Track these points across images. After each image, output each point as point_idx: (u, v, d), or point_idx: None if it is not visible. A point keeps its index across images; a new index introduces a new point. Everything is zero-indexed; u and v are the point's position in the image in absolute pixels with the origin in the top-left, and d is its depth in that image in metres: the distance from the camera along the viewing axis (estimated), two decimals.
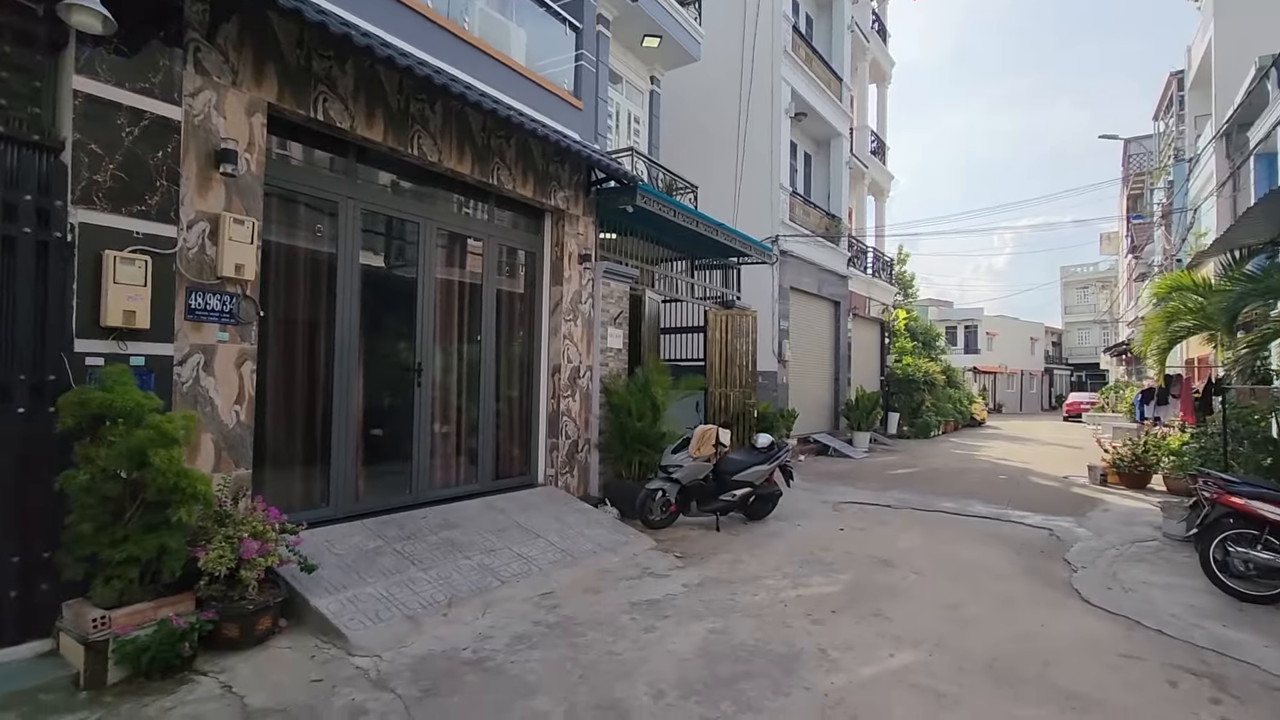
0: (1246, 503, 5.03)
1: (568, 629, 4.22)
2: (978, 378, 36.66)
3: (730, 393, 10.09)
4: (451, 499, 6.09)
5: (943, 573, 5.60)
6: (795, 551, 6.19)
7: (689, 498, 6.96)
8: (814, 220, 15.49)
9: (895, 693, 3.44)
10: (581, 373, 7.45)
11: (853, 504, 8.59)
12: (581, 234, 7.47)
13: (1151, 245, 25.24)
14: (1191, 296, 10.18)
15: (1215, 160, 16.34)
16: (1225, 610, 4.76)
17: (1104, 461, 10.76)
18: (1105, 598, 5.01)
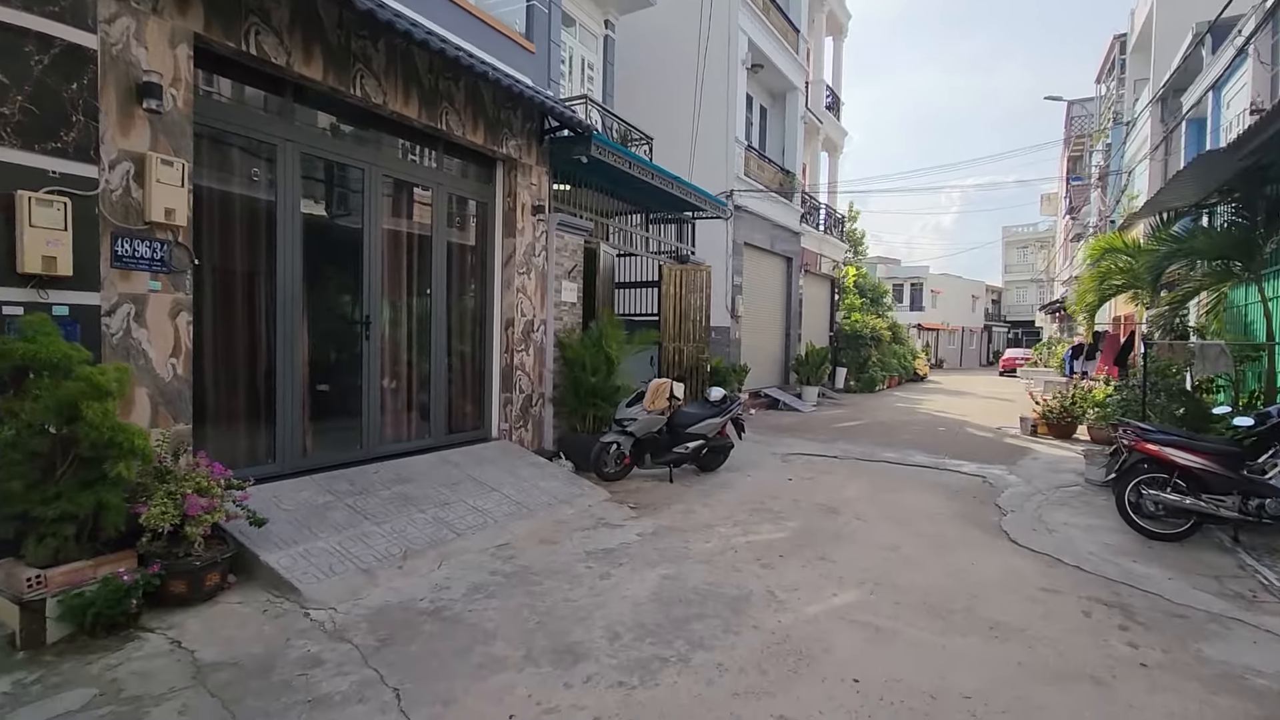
0: (1159, 449, 5.41)
1: (524, 578, 4.28)
2: (922, 334, 37.91)
3: (684, 348, 10.18)
4: (404, 454, 6.03)
5: (884, 518, 5.88)
6: (746, 501, 6.38)
7: (643, 450, 7.07)
8: (769, 175, 15.49)
9: (837, 628, 3.64)
10: (535, 327, 7.38)
11: (801, 455, 8.87)
12: (535, 184, 7.30)
13: (1088, 207, 26.22)
14: (1121, 257, 10.68)
15: (1150, 124, 16.94)
16: (1136, 548, 5.16)
17: (1034, 413, 11.37)
18: (1031, 538, 5.36)
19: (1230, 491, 5.16)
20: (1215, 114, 12.69)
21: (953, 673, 3.17)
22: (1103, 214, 20.17)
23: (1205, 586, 4.35)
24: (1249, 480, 5.14)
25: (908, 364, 24.04)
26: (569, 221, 7.70)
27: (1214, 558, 4.95)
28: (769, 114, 16.98)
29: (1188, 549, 5.14)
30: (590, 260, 8.42)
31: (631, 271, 11.53)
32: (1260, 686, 3.11)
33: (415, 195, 6.48)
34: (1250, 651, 3.46)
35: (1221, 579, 4.50)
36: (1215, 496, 5.18)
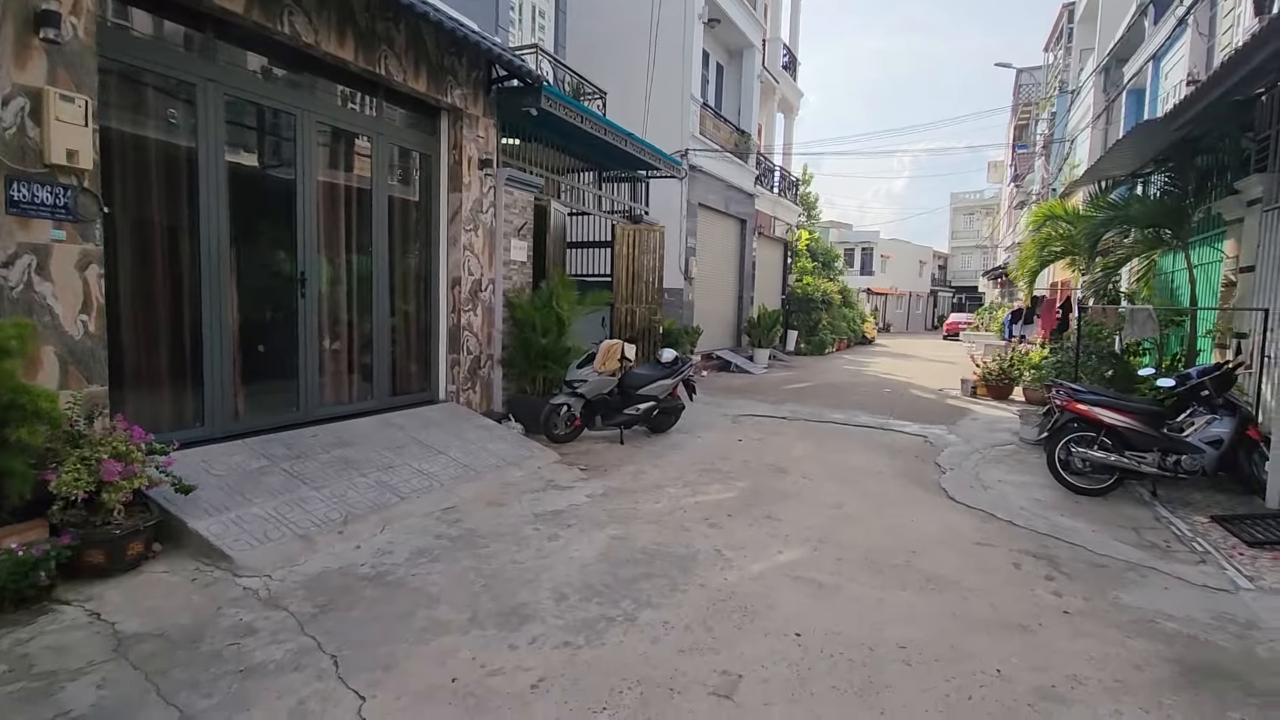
0: (1089, 408, 5.65)
1: (470, 541, 4.22)
2: (871, 298, 38.71)
3: (637, 309, 10.10)
4: (345, 417, 5.83)
5: (829, 477, 6.01)
6: (696, 461, 6.43)
7: (594, 412, 7.02)
8: (724, 135, 15.32)
9: (782, 585, 3.71)
10: (483, 286, 7.17)
11: (752, 417, 8.98)
12: (482, 137, 7.00)
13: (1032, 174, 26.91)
14: (1062, 224, 11.01)
15: (1094, 94, 17.35)
16: (1064, 502, 5.41)
17: (974, 376, 11.77)
18: (967, 495, 5.56)
19: (1151, 449, 5.43)
20: (1154, 85, 13.06)
21: (890, 625, 3.27)
22: (1045, 181, 20.73)
23: (1125, 538, 4.60)
24: (1168, 438, 5.42)
25: (857, 328, 24.56)
26: (518, 177, 7.45)
27: (1134, 511, 5.23)
28: (725, 72, 16.71)
29: (1111, 503, 5.42)
30: (540, 218, 8.20)
31: (584, 231, 11.31)
32: (1170, 629, 3.30)
33: (354, 146, 6.14)
34: (1162, 597, 3.68)
35: (1140, 530, 4.77)
36: (1138, 453, 5.46)
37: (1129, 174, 10.31)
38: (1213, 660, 3.02)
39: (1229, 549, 4.37)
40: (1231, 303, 7.21)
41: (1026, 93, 30.64)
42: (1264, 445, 5.29)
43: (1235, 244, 7.28)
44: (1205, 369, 5.82)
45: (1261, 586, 3.81)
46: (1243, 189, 6.97)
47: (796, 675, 2.81)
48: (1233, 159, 7.41)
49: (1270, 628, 3.35)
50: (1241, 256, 7.07)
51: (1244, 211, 7.06)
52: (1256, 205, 6.83)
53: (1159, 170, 9.67)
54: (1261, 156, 6.83)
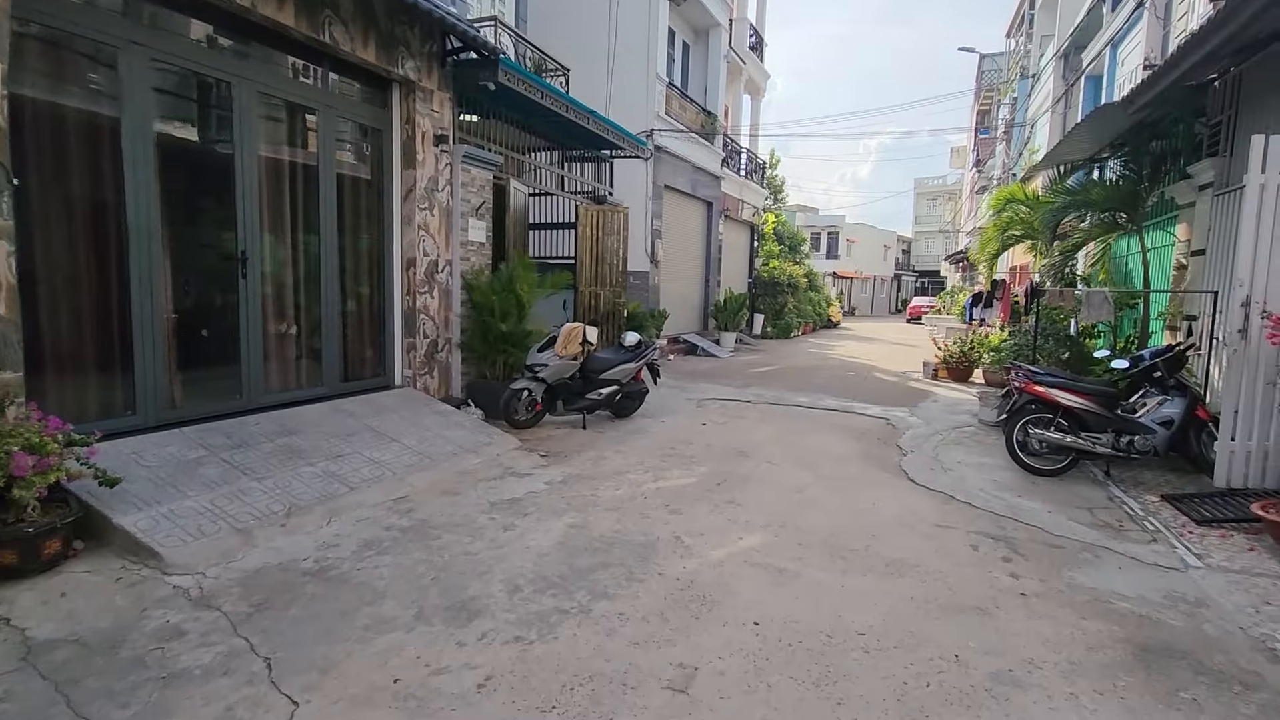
0: (1046, 390, 5.70)
1: (422, 532, 4.06)
2: (836, 282, 39.09)
3: (600, 292, 9.94)
4: (292, 403, 5.57)
5: (792, 460, 5.97)
6: (658, 446, 6.34)
7: (555, 397, 6.87)
8: (690, 116, 15.14)
9: (742, 571, 3.64)
10: (440, 267, 6.93)
11: (716, 400, 8.93)
12: (437, 112, 6.72)
13: (993, 160, 27.31)
14: (1022, 208, 11.15)
15: (1053, 80, 17.60)
16: (1022, 484, 5.47)
17: (935, 358, 11.91)
18: (928, 477, 5.58)
19: (1106, 430, 5.52)
20: (1111, 70, 13.26)
21: (849, 611, 3.23)
22: (1006, 166, 21.03)
23: (1080, 518, 4.65)
24: (1122, 419, 5.50)
25: (822, 311, 24.75)
26: (476, 154, 7.19)
27: (1088, 491, 5.31)
28: (691, 51, 16.48)
29: (1066, 483, 5.49)
30: (500, 198, 7.96)
31: (546, 212, 11.07)
32: (1123, 609, 3.33)
33: (299, 119, 5.82)
34: (1116, 577, 3.71)
35: (1094, 510, 4.83)
36: (1093, 434, 5.53)
37: (1087, 159, 10.46)
38: (1164, 640, 3.04)
39: (1179, 527, 4.45)
40: (1183, 286, 7.36)
41: (989, 79, 30.99)
42: (1212, 425, 5.40)
43: (1187, 228, 7.42)
44: (1157, 351, 5.92)
45: (1210, 564, 3.87)
46: (1195, 174, 7.09)
47: (754, 666, 2.74)
48: (1185, 144, 7.53)
49: (1218, 605, 3.39)
50: (1193, 240, 7.21)
51: (1195, 196, 7.19)
52: (1208, 190, 6.95)
53: (1115, 155, 9.84)
54: (1214, 141, 6.95)
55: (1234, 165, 6.57)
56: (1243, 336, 4.50)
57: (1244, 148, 6.49)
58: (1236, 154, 6.53)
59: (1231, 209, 6.43)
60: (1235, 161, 6.55)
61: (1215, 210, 6.75)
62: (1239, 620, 3.24)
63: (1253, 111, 6.32)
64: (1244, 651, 2.95)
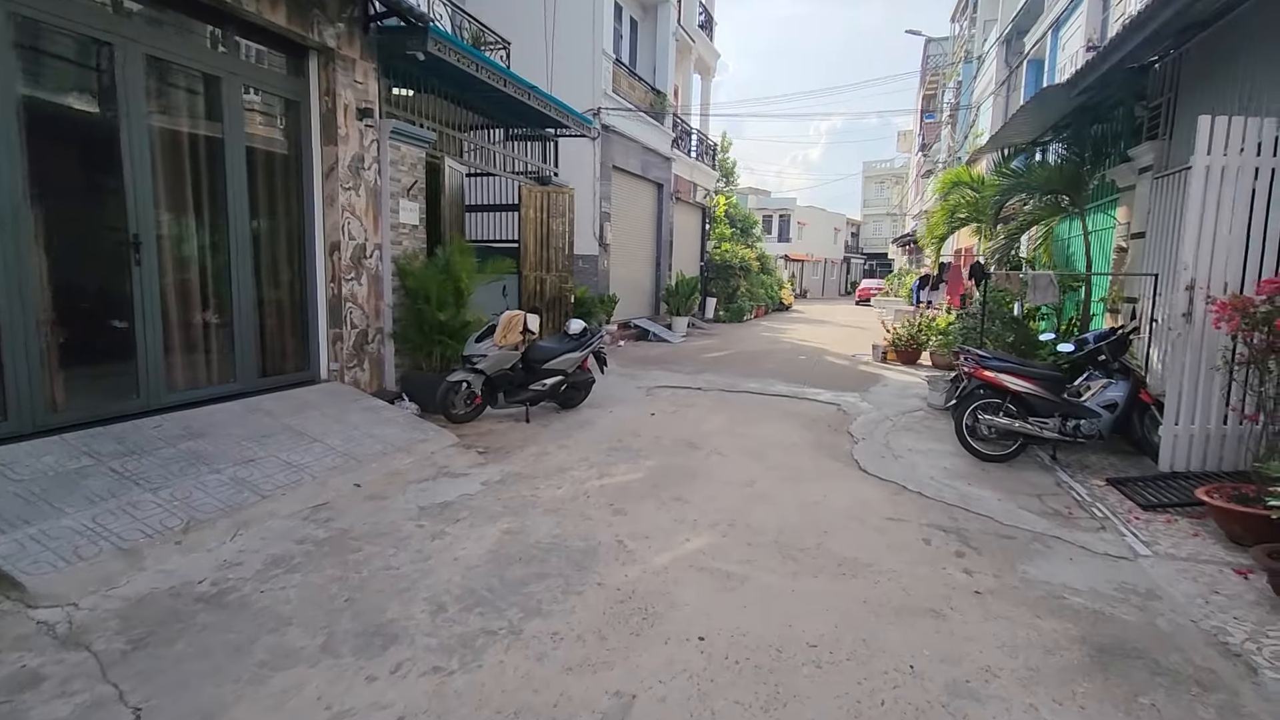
0: (995, 375, 5.64)
1: (341, 544, 3.70)
2: (788, 265, 39.38)
3: (546, 277, 9.56)
4: (201, 403, 5.08)
5: (742, 451, 5.79)
6: (605, 439, 6.07)
7: (496, 389, 6.51)
8: (639, 95, 14.75)
9: (687, 578, 3.41)
10: (368, 252, 6.45)
11: (666, 388, 8.70)
12: (360, 83, 6.21)
13: (939, 144, 27.75)
14: (967, 190, 11.21)
15: (996, 64, 17.83)
16: (971, 470, 5.41)
17: (885, 341, 11.96)
18: (879, 465, 5.47)
19: (1053, 414, 5.49)
20: (1053, 55, 13.43)
21: (800, 619, 3.03)
22: (951, 150, 21.32)
23: (1029, 506, 4.59)
24: (1068, 403, 5.48)
25: (774, 294, 24.82)
26: (405, 130, 6.70)
27: (1036, 477, 5.28)
28: (639, 28, 16.05)
29: (1015, 469, 5.46)
30: (434, 177, 7.49)
31: (488, 193, 10.60)
32: (1077, 605, 3.23)
33: (201, 88, 5.26)
34: (1067, 569, 3.62)
35: (1043, 497, 4.78)
36: (1040, 419, 5.50)
37: (1030, 141, 10.54)
38: (1119, 637, 2.94)
39: (1125, 513, 4.42)
40: (1123, 269, 7.45)
41: (934, 63, 31.41)
42: (1155, 409, 5.43)
43: (1127, 211, 7.49)
44: (1101, 334, 5.93)
45: (1157, 552, 3.83)
46: (1135, 156, 7.14)
47: (697, 690, 2.51)
48: (1126, 127, 7.59)
49: (1168, 596, 3.33)
50: (1133, 223, 7.28)
51: (1136, 179, 7.25)
52: (1148, 173, 7.01)
53: (1056, 139, 9.94)
54: (1154, 124, 7.00)
55: (1174, 148, 6.62)
56: (1187, 320, 4.47)
57: (1184, 130, 6.55)
58: (1176, 137, 6.58)
59: (1171, 192, 6.48)
60: (1175, 144, 6.60)
61: (1155, 193, 6.80)
62: (1190, 612, 3.18)
63: (1192, 94, 6.36)
64: (1198, 647, 2.87)
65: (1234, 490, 3.98)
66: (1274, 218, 4.38)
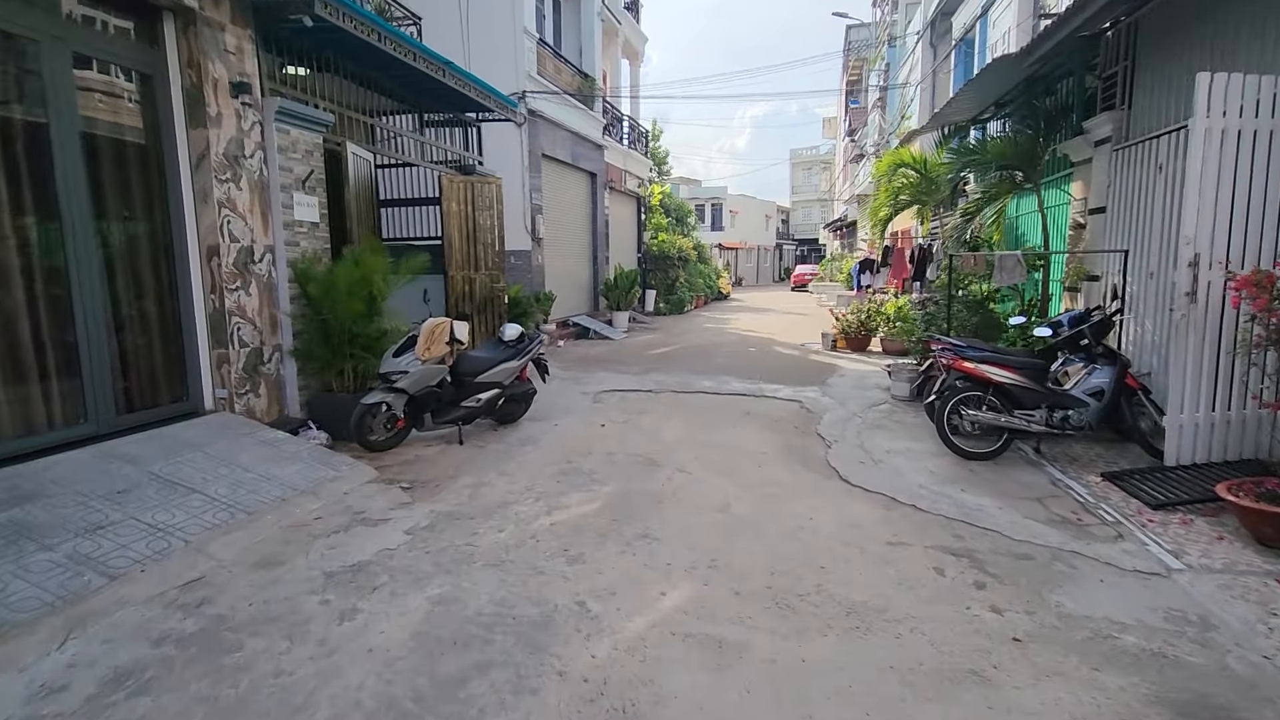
0: (975, 366, 5.19)
1: (214, 641, 2.82)
2: (722, 253, 39.22)
3: (475, 276, 8.65)
4: (34, 453, 4.03)
5: (709, 466, 5.14)
6: (552, 460, 5.30)
7: (422, 409, 5.63)
8: (566, 79, 13.89)
9: (670, 653, 2.71)
10: (258, 256, 5.44)
11: (615, 392, 7.98)
12: (233, 53, 5.18)
13: (866, 128, 27.97)
14: (910, 172, 10.93)
15: (922, 46, 17.85)
16: (959, 472, 4.93)
17: (834, 329, 11.60)
18: (860, 473, 4.92)
19: (1039, 405, 5.08)
20: (983, 34, 13.36)
21: (821, 704, 2.39)
22: (884, 132, 21.34)
23: (1034, 513, 4.12)
24: (1054, 392, 5.08)
25: (713, 283, 24.44)
26: (295, 111, 5.69)
27: (1028, 475, 4.84)
28: (562, 8, 15.15)
29: (1003, 468, 5.02)
30: (335, 166, 6.49)
31: (407, 186, 9.58)
32: (1132, 647, 2.72)
33: (9, 59, 4.16)
34: (1102, 596, 3.13)
35: (1044, 501, 4.33)
36: (1026, 411, 5.09)
37: (969, 120, 10.35)
38: (1199, 692, 2.43)
39: (1136, 515, 4.01)
40: (1080, 245, 7.20)
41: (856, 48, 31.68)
42: (1142, 393, 5.10)
43: (1083, 185, 7.24)
44: (1076, 316, 5.57)
45: (1190, 564, 3.39)
46: (1090, 129, 6.87)
47: None
48: (1077, 99, 7.34)
49: (1224, 624, 2.87)
50: (1090, 198, 7.03)
51: (1091, 152, 6.99)
52: (1105, 145, 6.75)
53: (997, 115, 9.73)
54: (1109, 94, 6.73)
55: (1134, 118, 6.35)
56: (1191, 300, 4.08)
57: (1144, 99, 6.28)
58: (1137, 106, 6.31)
59: (1135, 164, 6.21)
60: (1136, 114, 6.33)
61: (1115, 165, 6.54)
62: (1257, 644, 2.71)
63: (1151, 60, 6.08)
64: None
65: (1258, 487, 3.60)
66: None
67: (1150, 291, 5.91)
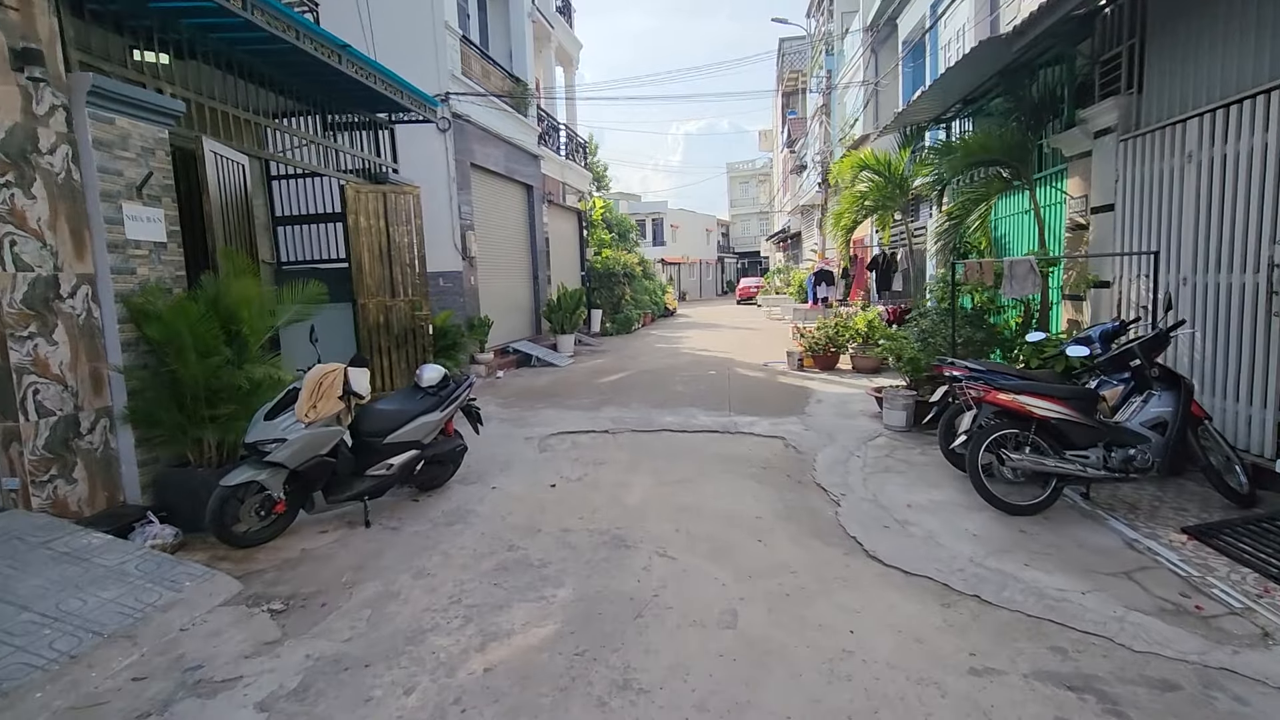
0: (1013, 398, 4.21)
1: None
2: (665, 268, 38.45)
3: (393, 304, 7.27)
4: None
5: (695, 543, 3.96)
6: (488, 545, 4.02)
7: (311, 484, 4.24)
8: (495, 82, 12.64)
9: None
10: (66, 290, 3.98)
11: (564, 435, 6.73)
12: (15, 9, 3.75)
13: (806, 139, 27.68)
14: (873, 175, 10.16)
15: (863, 52, 17.42)
16: (1007, 534, 3.91)
17: (800, 346, 10.68)
18: (889, 544, 3.84)
19: (1093, 443, 4.13)
20: (934, 34, 12.86)
21: None
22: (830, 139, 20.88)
23: (1135, 600, 3.11)
24: (1112, 428, 4.14)
25: (659, 300, 23.47)
26: (119, 93, 4.25)
27: (1093, 535, 3.86)
28: (489, 7, 13.93)
29: (1057, 524, 4.03)
30: (189, 171, 5.06)
31: (313, 200, 8.14)
32: None
33: None
34: None
35: (1135, 577, 3.33)
36: (1079, 452, 4.13)
37: (933, 118, 9.67)
38: None
39: (1265, 595, 3.05)
40: (1082, 248, 6.43)
41: (791, 60, 31.60)
42: (1208, 422, 4.23)
43: (1081, 182, 6.49)
44: (1109, 330, 4.71)
45: None
46: (1089, 118, 6.11)
47: None
48: (1068, 87, 6.61)
49: None
50: (1093, 195, 6.27)
51: (1090, 144, 6.24)
52: (1108, 136, 6.00)
53: (964, 113, 9.06)
54: (1111, 79, 5.99)
55: (1148, 102, 5.60)
56: None
57: (1160, 80, 5.50)
58: (1149, 89, 5.56)
59: (1152, 153, 5.45)
60: (1149, 98, 5.58)
61: (1125, 157, 5.78)
62: None
63: (1167, 36, 5.32)
64: None
65: None
66: None
67: (1183, 299, 5.12)
